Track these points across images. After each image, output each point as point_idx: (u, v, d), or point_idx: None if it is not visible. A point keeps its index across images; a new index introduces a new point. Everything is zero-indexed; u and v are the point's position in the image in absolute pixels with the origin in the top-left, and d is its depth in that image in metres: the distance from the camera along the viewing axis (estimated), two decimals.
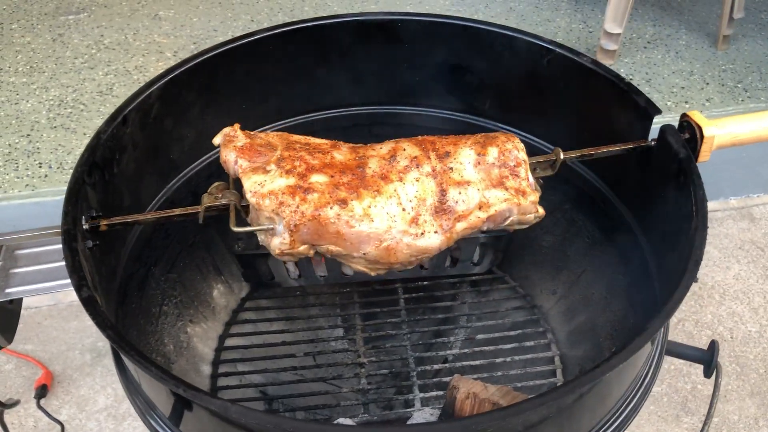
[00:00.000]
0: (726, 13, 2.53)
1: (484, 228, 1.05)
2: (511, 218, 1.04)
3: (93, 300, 0.87)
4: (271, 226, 0.98)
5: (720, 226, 2.34)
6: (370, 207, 0.98)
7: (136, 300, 1.21)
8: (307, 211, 0.96)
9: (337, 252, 1.00)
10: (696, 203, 0.97)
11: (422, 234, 1.00)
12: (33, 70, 2.49)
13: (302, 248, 0.99)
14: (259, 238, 1.04)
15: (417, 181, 1.01)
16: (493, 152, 1.05)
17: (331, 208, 0.96)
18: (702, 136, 1.06)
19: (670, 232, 1.06)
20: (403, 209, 1.00)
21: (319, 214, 0.96)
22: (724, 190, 2.43)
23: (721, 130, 1.07)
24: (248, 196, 0.98)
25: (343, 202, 0.97)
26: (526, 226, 1.09)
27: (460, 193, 1.02)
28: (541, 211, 1.07)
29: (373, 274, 1.05)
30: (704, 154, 1.07)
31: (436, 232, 1.01)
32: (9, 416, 1.79)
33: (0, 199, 2.01)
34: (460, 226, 1.02)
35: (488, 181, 1.04)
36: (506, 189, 1.04)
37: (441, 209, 1.02)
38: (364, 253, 0.99)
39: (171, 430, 0.97)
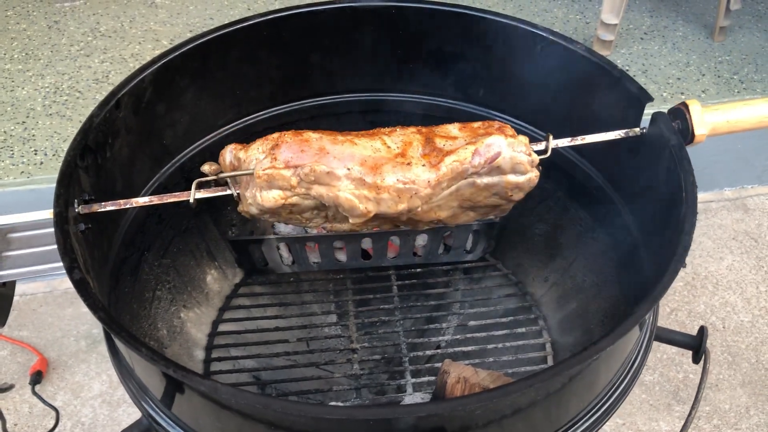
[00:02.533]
0: (723, 4, 2.53)
1: (476, 162, 1.04)
2: (503, 155, 1.04)
3: (85, 282, 0.87)
4: (253, 170, 1.02)
5: (714, 217, 2.34)
6: (353, 138, 1.05)
7: (129, 285, 1.21)
8: (290, 135, 1.04)
9: (320, 173, 1.01)
10: (686, 189, 0.98)
11: (409, 164, 1.03)
12: (28, 57, 2.49)
13: (285, 172, 1.01)
14: (246, 195, 1.05)
15: (403, 134, 1.07)
16: (476, 123, 1.11)
17: (314, 132, 1.04)
18: (687, 107, 1.06)
19: (661, 218, 1.07)
20: (388, 147, 1.05)
21: (302, 135, 1.04)
22: (719, 181, 2.44)
23: (710, 109, 1.07)
24: (237, 152, 1.05)
25: (328, 134, 1.05)
26: (523, 179, 1.07)
27: (447, 141, 1.07)
28: (535, 156, 1.07)
29: (361, 207, 1.04)
30: (699, 126, 1.06)
31: (424, 165, 1.03)
32: (4, 402, 1.80)
33: None
34: (449, 159, 1.03)
35: (474, 136, 1.08)
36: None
37: (428, 152, 1.05)
38: (348, 169, 1.02)
39: (164, 413, 0.97)
